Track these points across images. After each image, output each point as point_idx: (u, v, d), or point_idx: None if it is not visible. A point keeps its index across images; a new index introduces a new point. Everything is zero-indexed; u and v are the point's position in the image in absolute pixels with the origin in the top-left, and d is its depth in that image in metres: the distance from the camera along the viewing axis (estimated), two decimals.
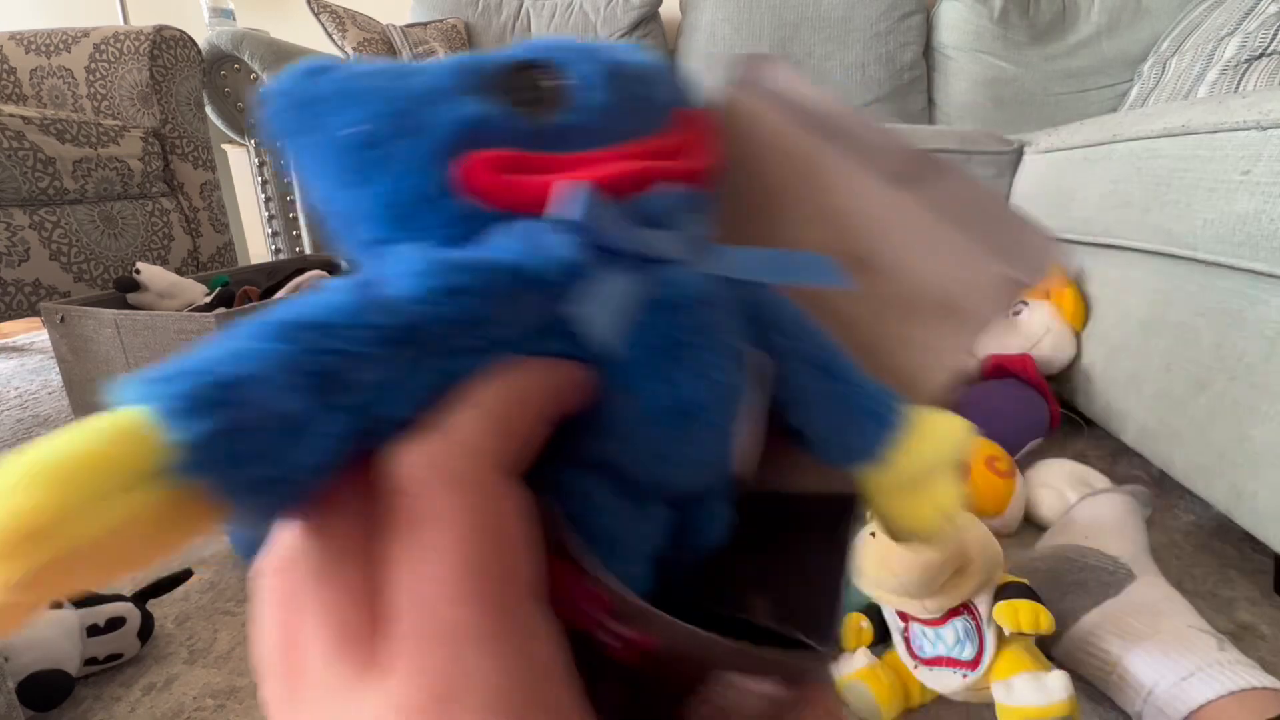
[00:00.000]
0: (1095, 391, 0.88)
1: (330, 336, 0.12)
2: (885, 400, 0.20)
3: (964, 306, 0.21)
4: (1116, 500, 0.67)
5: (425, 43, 1.65)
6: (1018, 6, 1.56)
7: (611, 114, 0.17)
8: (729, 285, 0.17)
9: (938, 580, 0.47)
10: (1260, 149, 0.58)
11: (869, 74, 1.65)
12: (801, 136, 0.21)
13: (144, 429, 0.10)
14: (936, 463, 0.20)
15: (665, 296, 0.15)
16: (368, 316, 0.12)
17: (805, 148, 0.21)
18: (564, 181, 0.15)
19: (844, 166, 0.21)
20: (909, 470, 0.20)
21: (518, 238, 0.15)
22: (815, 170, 0.21)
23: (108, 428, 0.10)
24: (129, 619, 0.58)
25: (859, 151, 0.21)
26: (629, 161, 0.16)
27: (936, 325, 0.22)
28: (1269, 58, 1.04)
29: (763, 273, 0.17)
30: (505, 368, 0.13)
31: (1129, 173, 0.77)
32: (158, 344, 0.85)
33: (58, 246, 1.16)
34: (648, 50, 0.20)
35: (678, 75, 0.20)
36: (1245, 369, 0.62)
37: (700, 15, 1.74)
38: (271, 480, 0.11)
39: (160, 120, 1.35)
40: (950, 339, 0.22)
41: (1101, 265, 0.89)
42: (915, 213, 0.21)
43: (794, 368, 0.19)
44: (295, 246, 1.56)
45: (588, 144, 0.16)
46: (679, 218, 0.17)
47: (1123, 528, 0.63)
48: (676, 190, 0.17)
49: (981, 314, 0.21)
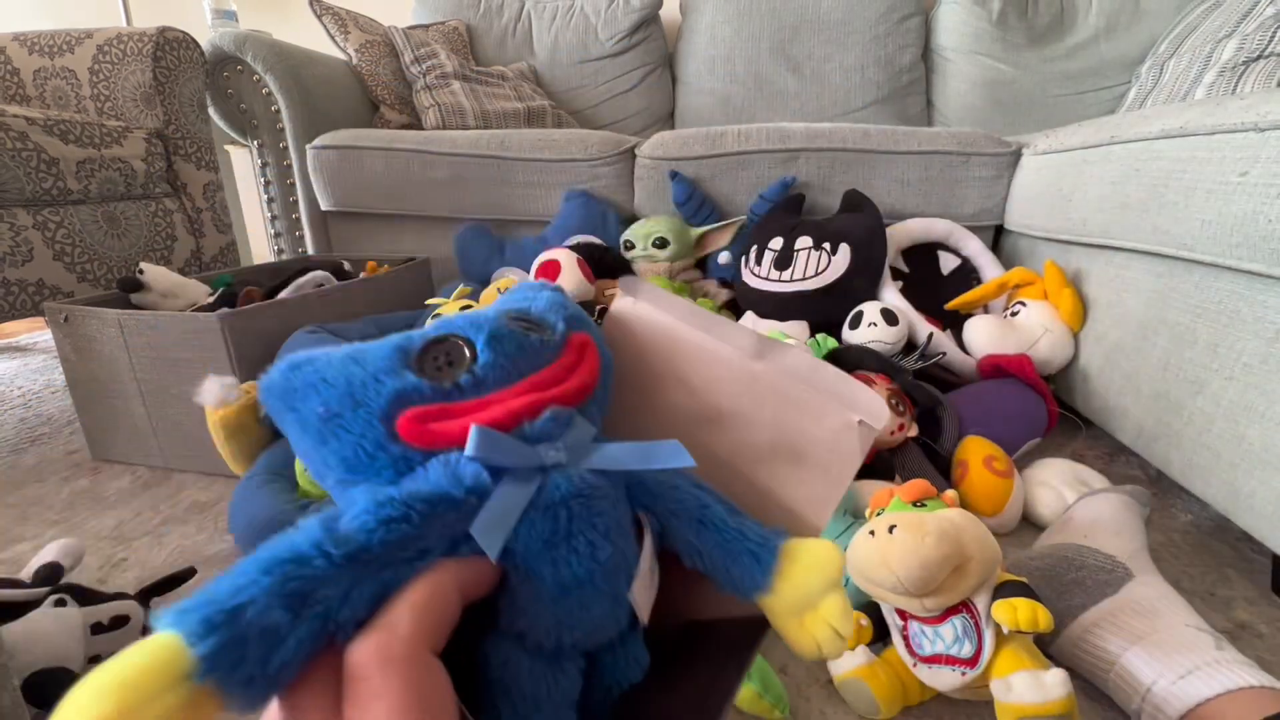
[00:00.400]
0: (1093, 391, 0.88)
1: (300, 566, 0.17)
2: (760, 539, 0.24)
3: (818, 451, 0.26)
4: (1115, 500, 0.67)
5: (427, 44, 1.65)
6: (1016, 9, 1.57)
7: (501, 366, 0.22)
8: (611, 473, 0.22)
9: (936, 578, 0.48)
10: (1258, 150, 0.59)
11: (868, 76, 1.65)
12: (671, 329, 0.29)
13: (175, 646, 0.15)
14: (819, 587, 0.23)
15: (548, 498, 0.20)
16: (328, 549, 0.17)
17: (674, 337, 0.29)
18: (471, 422, 0.20)
19: (706, 347, 0.28)
20: (795, 596, 0.23)
21: (438, 471, 0.20)
22: (681, 352, 0.29)
23: (152, 647, 0.15)
24: (133, 617, 0.59)
25: (718, 337, 0.28)
26: (522, 397, 0.22)
27: (800, 467, 0.26)
28: (1266, 60, 1.04)
29: (629, 462, 0.22)
30: (430, 569, 0.19)
31: (1127, 174, 0.78)
32: (161, 344, 0.85)
33: (61, 247, 1.16)
34: (547, 292, 0.27)
35: (567, 309, 0.26)
36: (1243, 369, 0.62)
37: (700, 18, 1.75)
38: (260, 676, 0.16)
39: (163, 121, 1.35)
40: (815, 478, 0.26)
41: (1099, 266, 0.89)
42: (769, 377, 0.27)
43: (676, 525, 0.24)
44: (298, 247, 1.56)
45: (490, 389, 0.22)
46: (561, 430, 0.22)
47: (1121, 527, 0.63)
48: (561, 409, 0.23)
49: (840, 455, 0.26)
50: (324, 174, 1.40)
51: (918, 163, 1.17)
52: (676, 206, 1.26)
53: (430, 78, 1.62)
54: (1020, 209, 1.12)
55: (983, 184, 1.17)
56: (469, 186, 1.35)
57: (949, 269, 1.16)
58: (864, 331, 0.96)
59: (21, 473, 0.94)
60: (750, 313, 1.08)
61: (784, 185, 1.20)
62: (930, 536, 0.47)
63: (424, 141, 1.34)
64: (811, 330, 1.02)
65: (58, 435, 1.07)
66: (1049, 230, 1.00)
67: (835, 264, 1.02)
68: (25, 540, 0.76)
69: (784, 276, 1.04)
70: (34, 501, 0.85)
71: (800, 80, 1.69)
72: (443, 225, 1.41)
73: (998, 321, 0.96)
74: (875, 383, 0.80)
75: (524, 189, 1.34)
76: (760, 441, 0.27)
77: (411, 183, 1.37)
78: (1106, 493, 0.69)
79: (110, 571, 0.70)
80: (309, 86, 1.46)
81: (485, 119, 1.59)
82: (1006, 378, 0.90)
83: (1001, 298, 1.04)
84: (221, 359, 0.83)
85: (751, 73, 1.71)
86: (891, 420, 0.77)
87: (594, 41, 1.76)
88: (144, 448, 0.92)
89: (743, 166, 1.23)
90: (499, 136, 1.33)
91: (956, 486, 0.76)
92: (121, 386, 0.89)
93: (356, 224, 1.48)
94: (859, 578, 0.52)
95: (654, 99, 1.81)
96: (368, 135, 1.38)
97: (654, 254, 1.22)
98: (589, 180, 1.31)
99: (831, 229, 1.05)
